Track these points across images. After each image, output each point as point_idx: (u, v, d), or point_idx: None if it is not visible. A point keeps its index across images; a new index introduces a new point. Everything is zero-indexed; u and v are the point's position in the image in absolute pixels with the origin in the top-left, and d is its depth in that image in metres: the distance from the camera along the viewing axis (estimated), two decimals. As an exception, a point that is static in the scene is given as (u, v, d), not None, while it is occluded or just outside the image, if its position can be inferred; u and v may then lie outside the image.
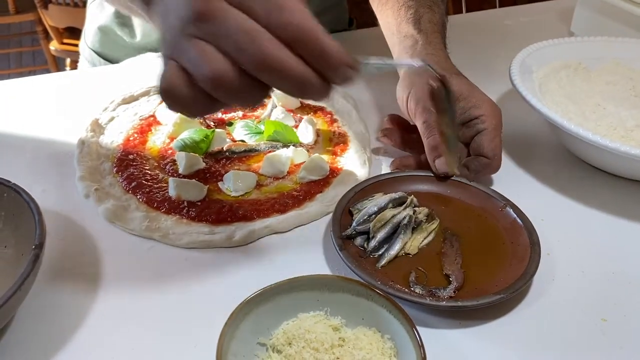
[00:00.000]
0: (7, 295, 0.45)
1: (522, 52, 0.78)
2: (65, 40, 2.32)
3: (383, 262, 0.58)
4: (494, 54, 1.00)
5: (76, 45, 2.26)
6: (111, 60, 1.03)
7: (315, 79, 0.40)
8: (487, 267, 0.58)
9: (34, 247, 0.49)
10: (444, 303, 0.53)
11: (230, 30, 0.38)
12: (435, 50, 0.72)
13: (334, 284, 0.49)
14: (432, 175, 0.68)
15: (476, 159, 0.67)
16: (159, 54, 0.42)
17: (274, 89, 0.41)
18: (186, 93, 0.40)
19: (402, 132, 0.74)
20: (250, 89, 0.40)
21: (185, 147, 0.71)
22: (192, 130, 0.73)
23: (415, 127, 0.68)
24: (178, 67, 0.39)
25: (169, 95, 0.40)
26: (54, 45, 2.34)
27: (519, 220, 0.61)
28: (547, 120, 0.68)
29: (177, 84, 0.39)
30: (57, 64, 2.48)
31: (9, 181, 0.56)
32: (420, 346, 0.43)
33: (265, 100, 0.81)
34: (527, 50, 0.79)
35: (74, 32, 2.27)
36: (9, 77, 0.93)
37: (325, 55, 0.39)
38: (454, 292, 0.55)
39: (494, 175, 0.70)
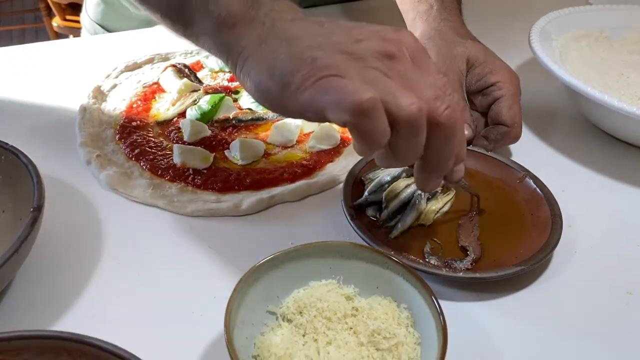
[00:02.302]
0: (5, 258, 0.43)
1: (542, 19, 0.75)
2: (68, 17, 2.28)
3: (396, 232, 0.56)
4: (510, 24, 0.97)
5: (79, 22, 2.23)
6: (113, 32, 1.00)
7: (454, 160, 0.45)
8: (506, 239, 0.55)
9: (32, 209, 0.47)
10: (461, 274, 0.50)
11: (425, 81, 0.40)
12: (450, 16, 0.69)
13: (348, 251, 0.47)
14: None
15: (495, 127, 0.64)
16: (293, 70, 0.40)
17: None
18: (382, 114, 0.38)
19: None
20: (423, 139, 0.41)
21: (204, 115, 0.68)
22: (206, 99, 0.70)
23: None
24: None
25: (371, 107, 0.37)
26: (56, 22, 2.30)
27: (539, 191, 0.59)
28: (567, 89, 0.66)
29: (378, 101, 0.38)
30: (60, 42, 2.44)
31: (6, 143, 0.53)
32: (439, 314, 0.41)
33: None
34: (547, 18, 0.76)
35: (77, 8, 2.23)
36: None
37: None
38: (471, 264, 0.52)
39: (512, 146, 0.67)
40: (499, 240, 0.55)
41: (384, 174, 0.60)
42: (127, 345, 0.36)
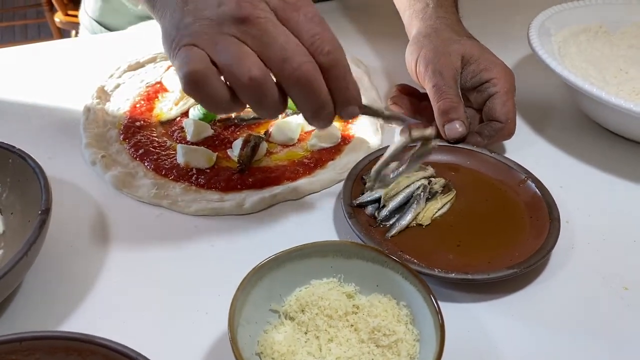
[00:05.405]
0: (14, 261, 0.44)
1: (541, 14, 0.76)
2: (70, 12, 2.28)
3: (393, 232, 0.56)
4: (510, 19, 0.97)
5: (80, 17, 2.23)
6: (112, 29, 1.00)
7: (331, 108, 0.44)
8: (503, 241, 0.56)
9: (40, 212, 0.48)
10: (453, 275, 0.50)
11: (276, 42, 0.41)
12: (446, 14, 0.70)
13: (348, 250, 0.48)
14: (450, 145, 0.65)
15: (489, 124, 0.65)
16: (171, 37, 0.44)
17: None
18: (214, 84, 0.42)
19: (411, 100, 0.72)
20: (274, 99, 0.43)
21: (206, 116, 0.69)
22: None
23: (425, 95, 0.66)
24: (207, 57, 0.42)
25: (195, 81, 0.41)
26: (58, 17, 2.30)
27: (539, 195, 0.59)
28: (566, 85, 0.66)
29: (207, 73, 0.41)
30: (62, 37, 2.45)
31: (13, 147, 0.54)
32: (437, 312, 0.42)
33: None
34: (546, 13, 0.76)
35: (78, 3, 2.23)
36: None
37: (348, 92, 0.44)
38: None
39: (511, 143, 0.68)
40: (495, 242, 0.56)
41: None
42: (133, 344, 0.37)
